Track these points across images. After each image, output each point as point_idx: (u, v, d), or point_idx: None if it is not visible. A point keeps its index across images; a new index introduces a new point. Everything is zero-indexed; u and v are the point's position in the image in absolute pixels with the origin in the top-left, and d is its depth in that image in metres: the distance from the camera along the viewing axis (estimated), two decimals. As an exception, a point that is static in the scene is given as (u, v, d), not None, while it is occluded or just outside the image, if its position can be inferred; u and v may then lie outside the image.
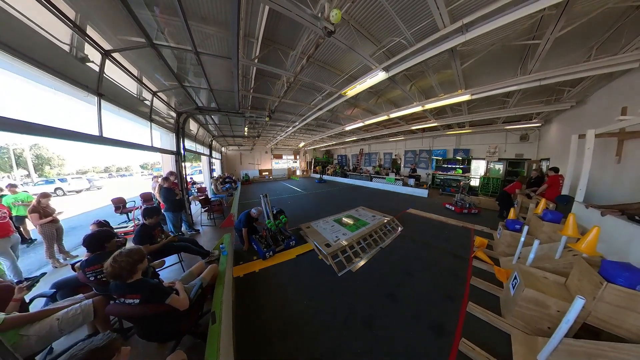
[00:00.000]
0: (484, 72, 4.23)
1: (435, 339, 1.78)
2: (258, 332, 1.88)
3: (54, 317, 1.40)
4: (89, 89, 2.26)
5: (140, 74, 3.07)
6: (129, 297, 1.30)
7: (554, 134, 6.22)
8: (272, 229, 3.54)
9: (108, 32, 2.15)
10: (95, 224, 2.37)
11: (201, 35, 2.63)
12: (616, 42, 2.91)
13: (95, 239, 1.80)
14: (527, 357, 1.54)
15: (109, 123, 2.53)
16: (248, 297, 2.37)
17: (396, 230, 4.27)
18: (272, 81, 4.85)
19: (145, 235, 2.41)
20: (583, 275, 1.65)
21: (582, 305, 1.28)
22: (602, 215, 2.31)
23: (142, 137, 3.62)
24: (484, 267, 2.85)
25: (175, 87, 3.62)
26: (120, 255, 1.30)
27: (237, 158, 15.89)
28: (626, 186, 3.20)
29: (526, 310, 1.77)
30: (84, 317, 1.49)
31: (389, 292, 2.40)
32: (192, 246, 2.77)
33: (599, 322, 1.45)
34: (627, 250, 1.95)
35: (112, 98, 2.59)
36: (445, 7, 2.34)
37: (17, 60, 1.54)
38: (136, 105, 3.30)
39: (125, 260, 1.29)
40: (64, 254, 3.30)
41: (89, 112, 2.40)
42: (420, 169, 11.54)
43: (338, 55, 3.78)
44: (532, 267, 2.05)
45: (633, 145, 3.15)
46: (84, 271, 1.71)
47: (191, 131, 6.47)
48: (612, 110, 3.53)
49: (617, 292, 1.37)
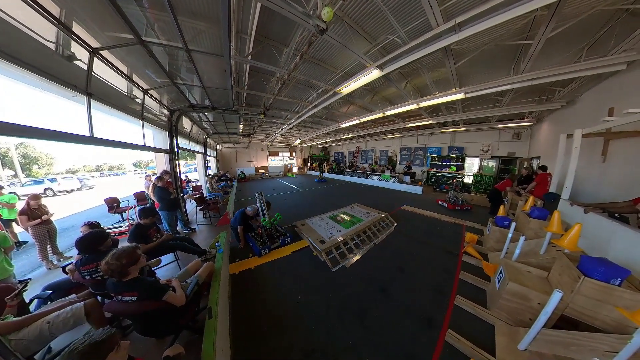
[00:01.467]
0: (478, 71, 4.27)
1: (423, 331, 1.85)
2: (254, 327, 1.92)
3: (44, 321, 1.40)
4: (78, 89, 2.19)
5: (130, 72, 2.98)
6: (126, 294, 1.33)
7: (545, 132, 6.36)
8: (267, 227, 3.56)
9: (95, 28, 2.07)
10: (87, 226, 2.32)
11: (192, 31, 2.55)
12: (606, 44, 2.97)
13: (88, 242, 1.79)
14: (509, 346, 1.62)
15: (99, 122, 2.47)
16: (244, 293, 2.40)
17: (390, 226, 4.34)
18: (266, 78, 4.79)
19: (139, 235, 2.42)
20: (563, 269, 1.73)
21: (559, 298, 1.35)
22: (585, 213, 2.40)
23: (134, 136, 3.55)
24: (473, 262, 2.94)
25: (167, 84, 3.52)
26: (113, 257, 1.32)
27: (232, 155, 15.71)
28: (611, 184, 3.33)
29: (509, 303, 1.85)
30: (74, 320, 1.49)
31: (381, 286, 2.46)
32: (187, 245, 2.77)
33: (576, 313, 1.53)
34: (607, 246, 2.04)
35: (102, 97, 2.52)
36: (438, 6, 2.35)
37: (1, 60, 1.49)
38: (127, 104, 3.21)
39: (120, 261, 1.30)
40: (58, 255, 3.24)
41: (78, 110, 2.34)
42: (415, 166, 11.67)
43: (332, 52, 3.76)
44: (517, 262, 2.14)
45: (618, 145, 3.26)
46: (79, 270, 1.71)
47: (185, 129, 6.36)
48: (600, 110, 3.63)
49: (593, 286, 1.45)
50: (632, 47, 2.78)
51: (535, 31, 2.83)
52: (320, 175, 12.57)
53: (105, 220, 5.46)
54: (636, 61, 2.86)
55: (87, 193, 12.86)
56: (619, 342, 1.27)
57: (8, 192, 3.91)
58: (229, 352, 1.60)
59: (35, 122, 1.71)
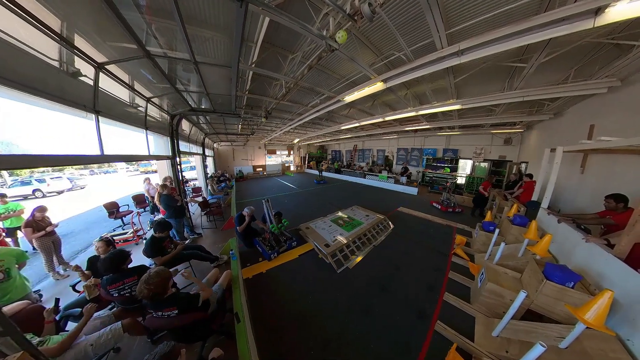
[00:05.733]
0: (475, 84, 4.54)
1: (417, 322, 2.21)
2: (273, 325, 2.19)
3: (88, 343, 1.49)
4: (87, 108, 2.21)
5: (132, 80, 2.93)
6: (167, 310, 1.47)
7: (534, 140, 6.77)
8: (274, 232, 3.78)
9: (97, 39, 1.97)
10: (103, 242, 2.27)
11: (198, 39, 2.42)
12: (591, 67, 3.29)
13: (113, 263, 1.84)
14: (485, 334, 1.99)
15: (105, 136, 2.47)
16: (259, 296, 2.63)
17: (387, 229, 4.69)
18: (269, 82, 4.76)
19: (156, 248, 2.54)
20: (532, 273, 2.09)
21: (524, 297, 1.71)
22: (558, 222, 2.77)
23: (137, 143, 3.55)
24: (460, 262, 3.32)
25: (169, 91, 3.47)
26: (151, 278, 1.42)
27: (229, 154, 15.62)
28: (586, 195, 3.73)
29: (488, 299, 2.22)
30: (115, 340, 1.61)
31: (381, 284, 2.81)
32: (200, 252, 2.98)
33: (539, 308, 1.90)
34: (573, 253, 2.37)
35: (108, 111, 2.51)
36: (444, 30, 2.51)
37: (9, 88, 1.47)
38: (131, 114, 3.23)
39: (157, 282, 1.41)
40: (63, 264, 3.21)
41: (80, 123, 2.28)
42: (411, 167, 12.03)
43: (339, 62, 3.87)
44: (496, 265, 2.50)
45: (595, 160, 3.64)
46: (106, 289, 1.80)
47: (184, 131, 6.33)
48: (583, 124, 4.00)
49: (552, 287, 1.81)
50: (613, 74, 3.12)
51: (529, 55, 3.09)
52: (320, 176, 11.90)
53: (105, 225, 5.52)
54: (616, 87, 3.20)
55: (80, 194, 12.28)
56: (565, 330, 1.65)
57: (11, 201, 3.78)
58: (255, 350, 1.81)
59: (45, 144, 1.62)
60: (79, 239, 4.84)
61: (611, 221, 2.38)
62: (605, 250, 1.96)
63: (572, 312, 1.49)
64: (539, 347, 1.27)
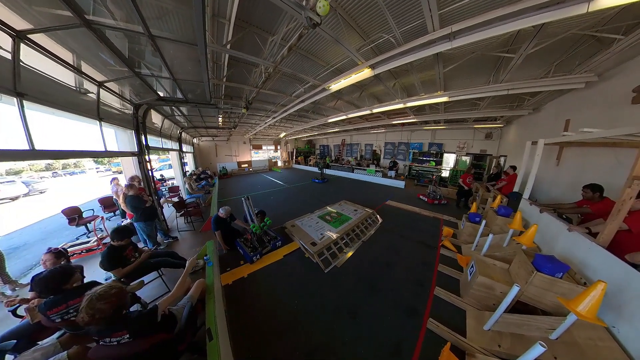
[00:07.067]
0: (462, 77, 4.52)
1: (409, 321, 2.11)
2: (254, 336, 1.98)
3: None
4: (3, 88, 1.76)
5: (77, 60, 2.43)
6: (115, 335, 1.20)
7: (513, 134, 7.08)
8: (257, 232, 3.51)
9: (20, 2, 1.56)
10: (51, 254, 1.88)
11: (156, 10, 1.93)
12: (572, 63, 3.37)
13: (50, 282, 1.50)
14: (477, 328, 1.94)
15: (43, 127, 2.06)
16: (240, 304, 2.39)
17: (376, 223, 4.62)
18: (248, 69, 4.39)
19: (114, 259, 2.16)
20: (521, 264, 2.07)
21: (517, 291, 1.64)
22: (540, 212, 2.82)
23: (91, 138, 2.99)
24: (448, 254, 3.31)
25: (128, 75, 2.86)
26: (94, 302, 1.12)
27: (211, 149, 14.63)
28: (560, 185, 3.90)
29: (479, 292, 2.18)
30: None
31: (370, 283, 2.69)
32: (170, 259, 2.63)
33: (528, 299, 1.87)
34: (556, 242, 2.43)
35: (39, 96, 2.04)
36: (437, 10, 2.34)
37: None
38: (77, 101, 2.68)
39: (102, 308, 1.12)
40: (11, 284, 2.74)
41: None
42: (398, 160, 12.22)
43: (323, 45, 3.58)
44: (485, 257, 2.48)
45: (570, 153, 3.80)
46: (46, 315, 1.47)
47: (154, 125, 5.69)
48: (559, 119, 4.17)
49: (542, 279, 1.77)
50: (591, 70, 3.20)
51: (517, 45, 3.05)
52: (322, 175, 10.35)
53: (67, 233, 4.79)
54: (592, 82, 3.30)
55: (39, 199, 10.69)
56: (556, 322, 1.62)
57: None
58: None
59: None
60: (34, 252, 4.13)
61: (589, 210, 2.46)
62: (589, 239, 1.98)
63: (565, 305, 1.44)
64: (538, 347, 1.18)
